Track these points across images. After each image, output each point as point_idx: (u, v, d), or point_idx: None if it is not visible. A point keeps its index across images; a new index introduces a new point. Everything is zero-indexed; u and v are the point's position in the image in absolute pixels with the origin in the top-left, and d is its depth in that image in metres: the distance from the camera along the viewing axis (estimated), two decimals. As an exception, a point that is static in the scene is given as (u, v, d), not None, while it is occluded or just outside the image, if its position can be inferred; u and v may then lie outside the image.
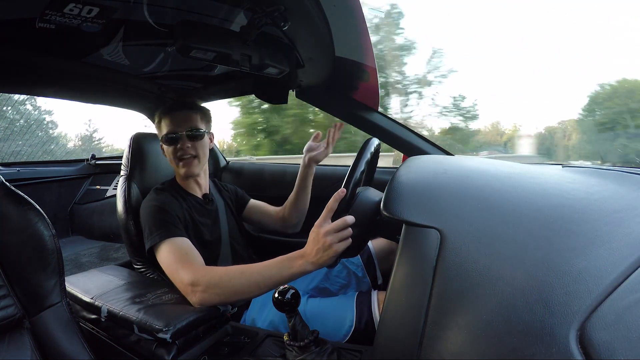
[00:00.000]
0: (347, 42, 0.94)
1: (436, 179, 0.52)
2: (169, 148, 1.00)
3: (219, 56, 0.86)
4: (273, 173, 1.59)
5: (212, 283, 0.75)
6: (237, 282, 0.73)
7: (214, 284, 0.74)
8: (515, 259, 0.37)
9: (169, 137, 0.99)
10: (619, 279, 0.31)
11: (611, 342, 0.26)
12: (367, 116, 1.20)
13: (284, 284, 0.67)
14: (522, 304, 0.32)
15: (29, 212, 0.64)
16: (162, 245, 0.84)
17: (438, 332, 0.36)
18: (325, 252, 0.65)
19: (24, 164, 2.45)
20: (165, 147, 1.02)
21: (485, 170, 0.58)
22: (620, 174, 0.60)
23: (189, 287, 0.76)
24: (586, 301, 0.30)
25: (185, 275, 0.77)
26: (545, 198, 0.45)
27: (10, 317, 0.59)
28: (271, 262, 0.73)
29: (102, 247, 2.40)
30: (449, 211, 0.44)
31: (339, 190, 0.66)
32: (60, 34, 0.84)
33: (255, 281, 0.72)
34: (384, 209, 0.47)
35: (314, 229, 0.68)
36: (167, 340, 0.66)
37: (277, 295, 0.61)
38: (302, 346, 0.60)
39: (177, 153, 0.99)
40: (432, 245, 0.40)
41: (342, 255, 0.67)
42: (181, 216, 0.93)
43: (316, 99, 1.29)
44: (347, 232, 0.65)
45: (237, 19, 0.91)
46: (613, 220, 0.40)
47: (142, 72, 1.21)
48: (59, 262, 0.66)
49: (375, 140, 0.77)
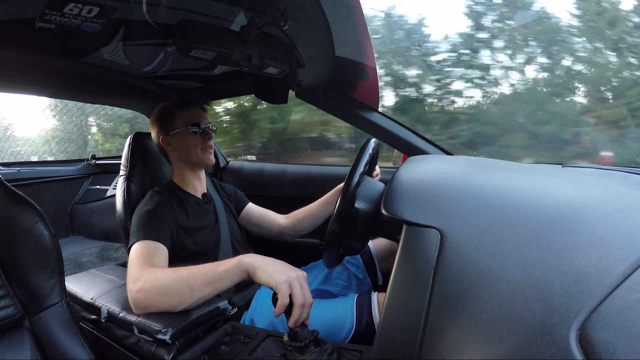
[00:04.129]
0: (347, 42, 0.95)
1: (436, 178, 0.52)
2: (195, 137, 1.02)
3: (219, 56, 0.86)
4: (273, 173, 1.59)
5: (147, 281, 0.70)
6: (168, 280, 0.69)
7: (149, 281, 0.70)
8: (515, 258, 0.36)
9: (195, 126, 1.02)
10: (619, 279, 0.31)
11: (611, 342, 0.26)
12: (367, 116, 1.20)
13: (219, 284, 0.66)
14: (522, 304, 0.32)
15: (29, 212, 0.64)
16: (135, 245, 0.82)
17: (438, 332, 0.36)
18: (278, 272, 0.62)
19: (24, 164, 2.45)
20: (187, 136, 1.02)
21: (486, 170, 0.58)
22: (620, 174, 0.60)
23: (129, 284, 0.72)
24: (586, 301, 0.30)
25: (134, 272, 0.74)
26: (545, 198, 0.45)
27: (10, 317, 0.59)
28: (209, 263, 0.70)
29: (102, 247, 2.40)
30: (449, 211, 0.44)
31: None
32: (60, 34, 0.84)
33: (185, 279, 0.68)
34: (384, 208, 0.47)
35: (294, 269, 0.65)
36: (167, 341, 0.65)
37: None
38: (301, 346, 0.60)
39: (205, 142, 1.03)
40: (432, 245, 0.40)
41: (347, 252, 0.67)
42: (171, 223, 0.92)
43: (316, 99, 1.29)
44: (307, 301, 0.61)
45: (237, 18, 0.91)
46: (613, 220, 0.40)
47: (142, 72, 1.21)
48: (59, 262, 0.66)
49: (375, 140, 0.77)
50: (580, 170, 0.75)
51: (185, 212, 0.98)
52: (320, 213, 1.10)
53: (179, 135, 1.02)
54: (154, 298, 0.69)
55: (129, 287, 0.72)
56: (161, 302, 0.69)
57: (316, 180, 1.47)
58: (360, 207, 0.63)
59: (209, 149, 1.04)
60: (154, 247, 0.82)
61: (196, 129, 1.02)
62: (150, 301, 0.69)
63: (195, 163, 1.05)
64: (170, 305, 0.69)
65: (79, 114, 3.58)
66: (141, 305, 0.70)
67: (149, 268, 0.74)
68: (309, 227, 1.13)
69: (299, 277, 0.63)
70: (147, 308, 0.70)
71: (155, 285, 0.69)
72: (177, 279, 0.69)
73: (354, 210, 0.63)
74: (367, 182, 0.68)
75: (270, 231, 1.18)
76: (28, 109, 3.48)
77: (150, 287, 0.69)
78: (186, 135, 1.02)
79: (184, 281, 0.68)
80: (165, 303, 0.69)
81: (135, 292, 0.70)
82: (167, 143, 1.04)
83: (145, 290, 0.69)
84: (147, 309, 0.70)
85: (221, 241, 1.03)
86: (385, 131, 1.19)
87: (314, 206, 1.12)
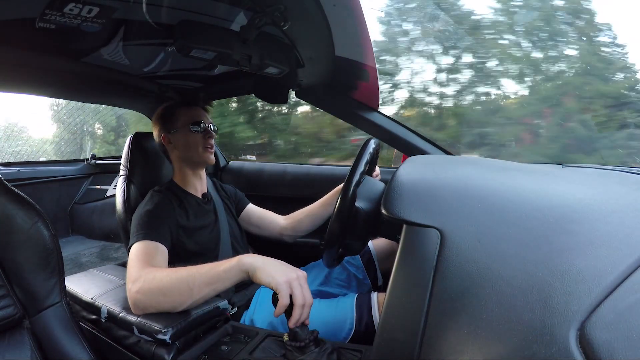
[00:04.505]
0: (347, 42, 0.95)
1: (436, 178, 0.52)
2: (197, 135, 1.03)
3: (219, 56, 0.86)
4: (273, 173, 1.59)
5: (147, 281, 0.69)
6: (167, 280, 0.69)
7: (149, 282, 0.69)
8: (515, 258, 0.36)
9: (196, 125, 1.02)
10: (619, 279, 0.31)
11: (611, 342, 0.26)
12: (367, 116, 1.20)
13: (219, 284, 0.66)
14: (522, 303, 0.32)
15: (29, 211, 0.64)
16: (135, 245, 0.82)
17: (438, 332, 0.36)
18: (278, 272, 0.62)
19: (24, 164, 2.45)
20: (188, 135, 1.02)
21: (486, 170, 0.58)
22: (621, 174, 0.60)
23: (129, 285, 0.72)
24: (586, 301, 0.30)
25: (133, 272, 0.73)
26: (545, 198, 0.45)
27: (10, 317, 0.59)
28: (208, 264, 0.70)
29: (102, 247, 2.40)
30: (449, 211, 0.44)
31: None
32: (60, 34, 0.84)
33: (184, 280, 0.68)
34: (384, 208, 0.47)
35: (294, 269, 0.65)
36: (167, 341, 0.65)
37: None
38: (301, 346, 0.60)
39: (207, 141, 1.03)
40: (432, 245, 0.40)
41: (347, 252, 0.67)
42: (171, 223, 0.92)
43: (316, 99, 1.29)
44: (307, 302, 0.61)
45: (237, 18, 0.91)
46: (613, 220, 0.40)
47: (142, 72, 1.21)
48: (59, 262, 0.66)
49: (375, 140, 0.77)
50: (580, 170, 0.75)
51: (185, 212, 0.98)
52: (320, 214, 1.10)
53: (180, 133, 1.03)
54: (153, 298, 0.69)
55: (128, 287, 0.72)
56: (160, 303, 0.69)
57: (316, 180, 1.46)
58: (361, 207, 0.63)
59: (210, 149, 1.05)
60: (153, 247, 0.82)
61: (197, 128, 1.02)
62: (150, 301, 0.69)
63: (195, 162, 1.05)
64: (169, 305, 0.69)
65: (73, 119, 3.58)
66: (140, 306, 0.70)
67: (148, 268, 0.74)
68: (309, 228, 1.13)
69: (299, 278, 0.63)
70: (146, 308, 0.70)
71: (155, 286, 0.69)
72: (177, 279, 0.68)
73: (354, 210, 0.63)
74: (368, 181, 0.68)
75: (270, 232, 1.18)
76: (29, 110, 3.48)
77: (149, 288, 0.69)
78: (187, 134, 1.02)
79: (183, 281, 0.68)
80: (164, 303, 0.69)
81: (134, 292, 0.70)
82: (169, 141, 1.04)
83: (145, 291, 0.69)
84: (147, 309, 0.70)
85: (221, 241, 1.03)
86: (385, 131, 1.19)
87: (314, 207, 1.12)
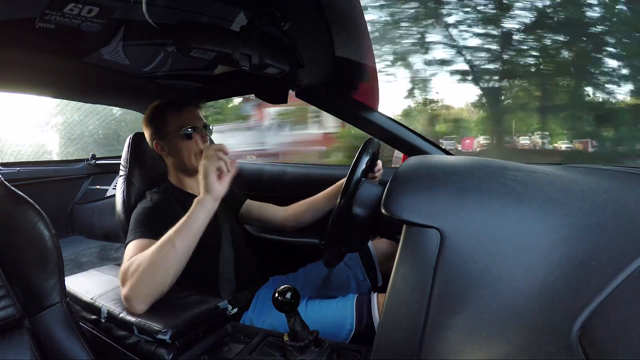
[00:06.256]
0: (347, 42, 0.95)
1: (436, 178, 0.52)
2: (188, 142, 0.98)
3: (219, 56, 0.86)
4: (273, 173, 1.59)
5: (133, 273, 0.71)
6: (149, 254, 0.71)
7: (135, 272, 0.71)
8: (515, 258, 0.36)
9: (188, 131, 0.98)
10: (619, 279, 0.31)
11: (611, 342, 0.26)
12: (367, 116, 1.20)
13: (194, 230, 0.73)
14: (522, 303, 0.32)
15: (29, 212, 0.64)
16: (131, 244, 0.81)
17: (438, 332, 0.36)
18: (207, 179, 0.75)
19: (24, 164, 2.45)
20: (181, 142, 0.98)
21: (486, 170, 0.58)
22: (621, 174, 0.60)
23: (122, 276, 0.73)
24: (586, 301, 0.30)
25: (126, 262, 0.75)
26: None
27: (9, 317, 0.59)
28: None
29: (102, 247, 2.40)
30: (449, 211, 0.44)
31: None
32: (60, 34, 0.84)
33: (163, 242, 0.72)
34: (384, 208, 0.47)
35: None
36: (167, 341, 0.65)
37: (277, 295, 0.61)
38: (301, 346, 0.60)
39: (199, 147, 0.98)
40: (432, 245, 0.40)
41: (347, 250, 0.67)
42: (170, 222, 0.88)
43: (316, 99, 1.29)
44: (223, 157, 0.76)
45: (237, 18, 0.91)
46: (613, 219, 0.40)
47: (142, 72, 1.21)
48: (59, 262, 0.66)
49: (375, 140, 0.77)
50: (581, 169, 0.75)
51: (184, 211, 0.97)
52: (322, 207, 1.09)
53: (172, 140, 0.99)
54: (145, 283, 0.70)
55: (121, 279, 0.73)
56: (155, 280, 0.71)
57: (316, 181, 1.46)
58: (359, 210, 0.63)
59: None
60: (149, 245, 0.81)
61: (190, 132, 0.98)
62: (143, 290, 0.70)
63: (190, 170, 1.01)
64: (161, 279, 0.71)
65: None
66: (136, 302, 0.70)
67: (131, 260, 0.74)
68: (310, 220, 1.12)
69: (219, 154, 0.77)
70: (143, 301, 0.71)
71: (142, 269, 0.70)
72: (156, 247, 0.72)
73: (352, 213, 0.63)
74: (366, 185, 0.69)
75: (272, 223, 1.17)
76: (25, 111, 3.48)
77: (138, 277, 0.70)
78: (180, 141, 0.98)
79: (163, 244, 0.71)
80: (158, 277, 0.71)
81: (126, 293, 0.71)
82: (162, 148, 1.01)
83: (135, 284, 0.70)
84: (144, 300, 0.71)
85: (221, 239, 1.03)
86: (385, 131, 1.19)
87: (316, 199, 1.11)
